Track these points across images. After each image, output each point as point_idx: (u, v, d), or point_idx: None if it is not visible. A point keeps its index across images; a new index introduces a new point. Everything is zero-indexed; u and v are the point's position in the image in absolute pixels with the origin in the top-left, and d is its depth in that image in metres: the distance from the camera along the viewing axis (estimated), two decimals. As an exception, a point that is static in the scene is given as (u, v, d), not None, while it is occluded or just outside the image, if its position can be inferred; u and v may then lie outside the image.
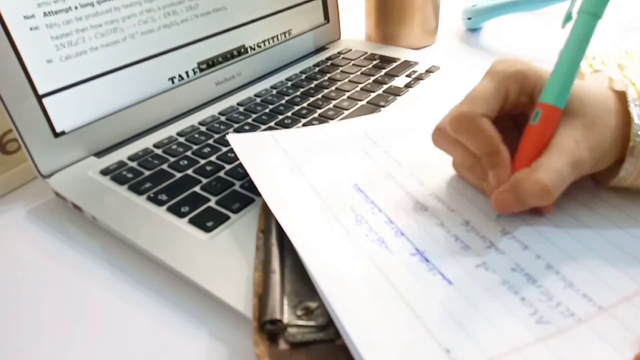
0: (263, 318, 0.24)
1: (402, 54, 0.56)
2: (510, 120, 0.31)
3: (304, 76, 0.52)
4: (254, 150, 0.36)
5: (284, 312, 0.25)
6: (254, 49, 0.52)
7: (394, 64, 0.54)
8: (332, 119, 0.43)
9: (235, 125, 0.43)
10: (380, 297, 0.24)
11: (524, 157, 0.28)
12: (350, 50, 0.58)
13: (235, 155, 0.39)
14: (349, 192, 0.32)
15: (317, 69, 0.54)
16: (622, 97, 0.28)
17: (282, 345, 0.23)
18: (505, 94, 0.29)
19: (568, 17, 0.29)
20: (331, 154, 0.36)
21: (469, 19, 0.67)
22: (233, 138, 0.38)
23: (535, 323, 0.23)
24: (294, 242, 0.27)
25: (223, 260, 0.29)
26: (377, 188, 0.32)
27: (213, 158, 0.39)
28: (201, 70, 0.47)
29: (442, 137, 0.31)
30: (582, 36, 0.28)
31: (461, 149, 0.30)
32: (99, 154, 0.40)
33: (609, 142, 0.28)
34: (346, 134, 0.39)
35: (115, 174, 0.37)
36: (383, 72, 0.52)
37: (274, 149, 0.37)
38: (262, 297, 0.25)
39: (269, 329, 0.24)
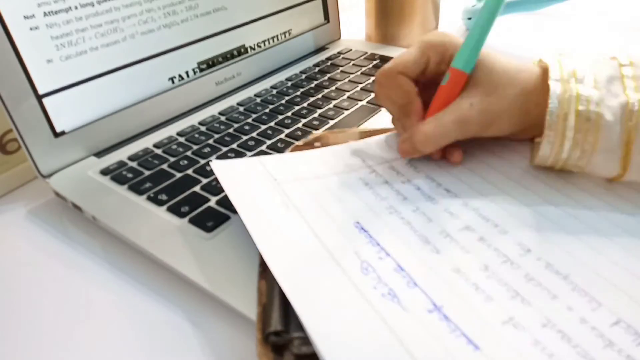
0: (267, 329, 0.23)
1: (402, 54, 0.56)
2: (436, 86, 0.34)
3: (304, 76, 0.52)
4: (242, 180, 0.32)
5: (289, 323, 0.23)
6: (254, 49, 0.52)
7: (394, 64, 0.54)
8: (332, 119, 0.43)
9: (235, 125, 0.43)
10: None
11: (431, 112, 0.32)
12: (350, 50, 0.58)
13: (235, 156, 0.39)
14: (351, 232, 0.28)
15: (317, 69, 0.54)
16: (545, 72, 0.31)
17: (288, 357, 0.22)
18: (426, 60, 0.33)
19: None
20: (328, 186, 0.32)
21: (469, 19, 0.67)
22: (217, 166, 0.34)
23: None
24: (290, 298, 0.24)
25: (223, 260, 0.29)
26: (382, 226, 0.29)
27: (213, 158, 0.39)
28: (201, 70, 0.47)
29: (377, 93, 0.35)
30: (491, 10, 0.31)
31: (389, 102, 0.34)
32: (99, 154, 0.40)
33: (508, 110, 0.31)
34: (343, 162, 0.35)
35: (115, 174, 0.37)
36: (383, 72, 0.52)
37: (263, 179, 0.32)
38: (266, 307, 0.24)
39: (274, 341, 0.23)
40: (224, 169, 0.33)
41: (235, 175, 0.33)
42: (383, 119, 0.43)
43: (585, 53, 0.32)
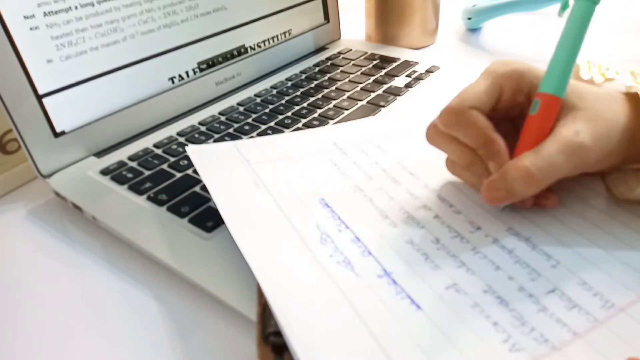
0: (267, 330, 0.23)
1: (402, 54, 0.56)
2: (511, 124, 0.30)
3: (304, 76, 0.52)
4: (216, 163, 0.34)
5: None
6: (254, 49, 0.52)
7: (394, 64, 0.54)
8: (332, 119, 0.43)
9: (235, 125, 0.43)
10: (344, 326, 0.22)
11: (524, 148, 0.27)
12: (350, 50, 0.58)
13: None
14: (315, 207, 0.30)
15: (317, 69, 0.54)
16: (634, 98, 0.28)
17: (288, 357, 0.22)
18: (500, 91, 0.29)
19: (565, 5, 0.29)
20: (298, 166, 0.34)
21: (469, 19, 0.67)
22: (192, 150, 0.35)
23: (508, 351, 0.21)
24: (250, 264, 0.26)
25: (223, 260, 0.29)
26: (345, 203, 0.31)
27: (213, 158, 0.39)
28: (201, 70, 0.47)
29: (435, 133, 0.30)
30: (580, 23, 0.27)
31: (456, 145, 0.29)
32: (99, 154, 0.40)
33: (616, 139, 0.26)
34: (314, 144, 0.37)
35: (115, 174, 0.37)
36: (383, 72, 0.52)
37: (237, 161, 0.34)
38: (266, 307, 0.24)
39: (273, 341, 0.23)
40: (199, 153, 0.35)
41: (210, 160, 0.34)
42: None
43: None
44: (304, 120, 0.43)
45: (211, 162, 0.34)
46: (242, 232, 0.28)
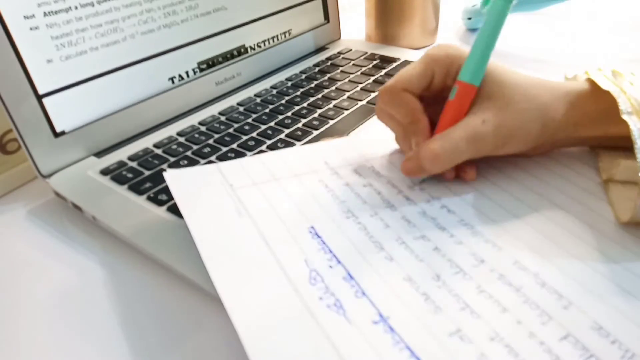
0: None
1: (402, 54, 0.56)
2: (443, 102, 0.32)
3: (304, 76, 0.52)
4: (195, 189, 0.31)
5: None
6: (254, 49, 0.52)
7: (394, 64, 0.54)
8: (332, 119, 0.43)
9: (235, 125, 0.43)
10: None
11: (440, 129, 0.30)
12: (350, 50, 0.58)
13: (235, 156, 0.39)
14: (304, 238, 0.27)
15: (317, 69, 0.54)
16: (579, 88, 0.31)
17: None
18: (431, 74, 0.31)
19: (486, 1, 0.31)
20: (285, 189, 0.31)
21: (469, 19, 0.67)
22: (170, 175, 0.32)
23: None
24: (226, 306, 0.23)
25: (223, 260, 0.29)
26: (337, 231, 0.28)
27: (213, 158, 0.39)
28: (201, 70, 0.47)
29: (378, 110, 0.33)
30: (496, 19, 0.30)
31: (392, 121, 0.33)
32: (99, 154, 0.40)
33: (524, 126, 0.30)
34: (304, 163, 0.34)
35: (115, 174, 0.37)
36: (383, 72, 0.52)
37: (219, 186, 0.31)
38: None
39: None
40: (176, 178, 0.32)
41: (188, 184, 0.32)
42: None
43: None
44: (304, 120, 0.43)
45: (190, 188, 0.31)
46: (220, 267, 0.25)
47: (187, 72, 0.46)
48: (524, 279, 0.25)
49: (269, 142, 0.40)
